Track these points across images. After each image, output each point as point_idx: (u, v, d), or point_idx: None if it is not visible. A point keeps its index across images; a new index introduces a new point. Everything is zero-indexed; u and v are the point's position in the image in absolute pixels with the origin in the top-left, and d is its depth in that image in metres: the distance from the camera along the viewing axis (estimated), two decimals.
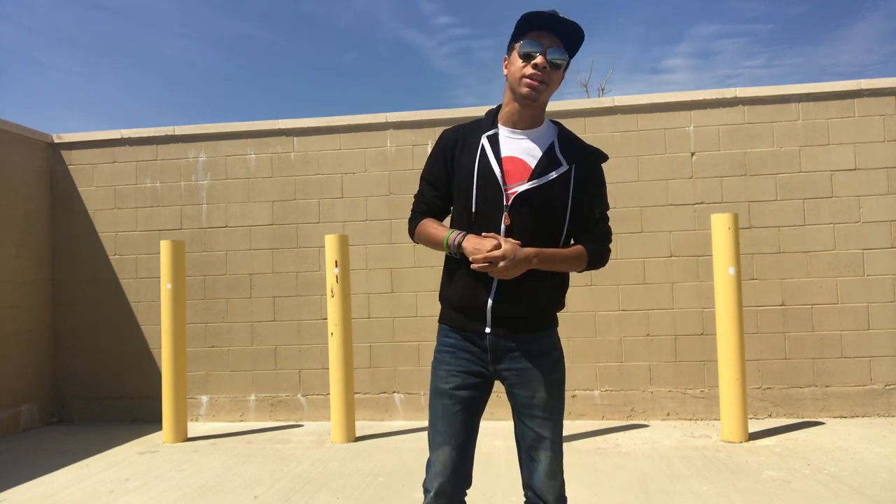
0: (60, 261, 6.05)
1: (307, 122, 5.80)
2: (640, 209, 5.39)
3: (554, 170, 1.95)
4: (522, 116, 1.98)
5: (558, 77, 1.96)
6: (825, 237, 5.22)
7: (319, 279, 5.70)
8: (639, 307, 5.36)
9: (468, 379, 1.99)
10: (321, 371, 5.64)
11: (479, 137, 2.00)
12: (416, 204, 2.14)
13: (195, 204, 5.90)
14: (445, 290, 2.08)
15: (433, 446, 2.01)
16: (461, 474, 1.99)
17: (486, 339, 1.97)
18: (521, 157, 1.96)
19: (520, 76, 1.92)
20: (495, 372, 2.01)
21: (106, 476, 4.25)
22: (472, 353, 2.00)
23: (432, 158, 2.09)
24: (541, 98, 1.94)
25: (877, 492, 3.48)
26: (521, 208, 1.92)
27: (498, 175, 1.93)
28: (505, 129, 2.01)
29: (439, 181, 2.06)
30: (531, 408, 1.98)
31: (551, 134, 2.02)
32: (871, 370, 5.14)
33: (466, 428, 1.99)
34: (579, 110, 5.52)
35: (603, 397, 5.37)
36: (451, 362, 2.01)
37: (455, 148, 2.03)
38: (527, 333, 1.97)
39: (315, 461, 4.42)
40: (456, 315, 2.02)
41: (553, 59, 1.91)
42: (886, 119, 5.24)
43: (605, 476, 3.89)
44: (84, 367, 5.96)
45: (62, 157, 6.09)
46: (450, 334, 2.04)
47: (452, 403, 1.98)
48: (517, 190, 1.92)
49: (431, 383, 2.06)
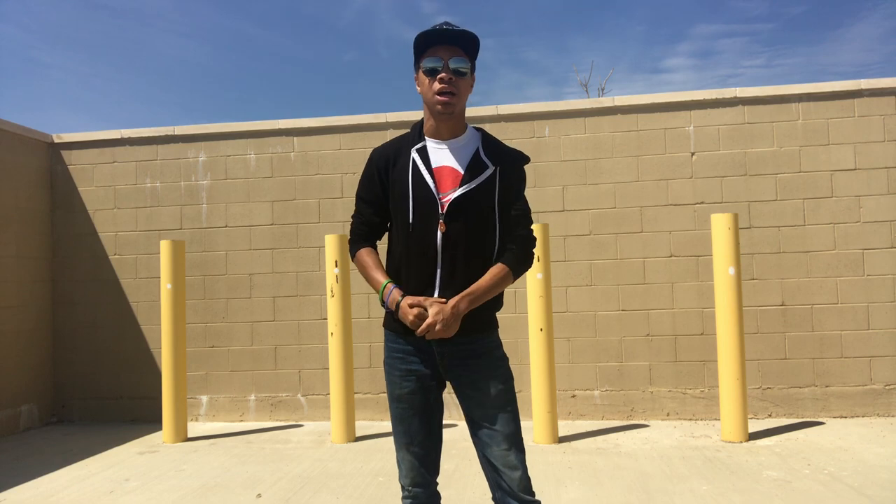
0: (60, 261, 6.06)
1: (307, 122, 5.80)
2: (640, 209, 5.39)
3: (482, 173, 2.03)
4: (444, 128, 2.07)
5: (466, 83, 2.05)
6: (825, 237, 5.22)
7: (319, 279, 5.70)
8: (639, 307, 5.36)
9: (420, 382, 2.07)
10: (321, 371, 5.64)
11: (409, 151, 2.07)
12: (355, 225, 2.19)
13: (195, 204, 5.90)
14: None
15: (397, 446, 2.12)
16: (428, 467, 2.10)
17: (432, 343, 2.04)
18: (450, 165, 2.05)
19: (431, 94, 2.01)
20: (444, 373, 2.08)
21: (106, 476, 4.25)
22: (418, 357, 2.07)
23: (366, 178, 2.15)
24: (456, 109, 2.03)
25: (877, 492, 3.48)
26: (456, 214, 1.99)
27: (431, 185, 2.01)
28: (431, 140, 2.09)
29: (376, 198, 2.12)
30: (482, 406, 2.03)
31: (476, 140, 2.10)
32: (871, 370, 5.14)
33: (424, 426, 2.08)
34: (579, 110, 5.52)
35: (603, 397, 5.37)
36: (401, 368, 2.08)
37: (387, 165, 2.09)
38: (470, 334, 2.02)
39: (315, 461, 4.42)
40: (399, 321, 2.05)
41: (456, 67, 2.00)
42: (886, 119, 5.23)
43: (605, 476, 3.89)
44: (84, 367, 5.96)
45: (62, 157, 6.09)
46: (396, 340, 2.10)
47: (408, 407, 2.07)
48: (451, 197, 2.00)
49: (387, 388, 2.14)
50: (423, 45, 2.04)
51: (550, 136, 5.51)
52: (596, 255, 5.42)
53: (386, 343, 2.15)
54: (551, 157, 5.50)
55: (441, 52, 2.01)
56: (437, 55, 2.01)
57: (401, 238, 2.05)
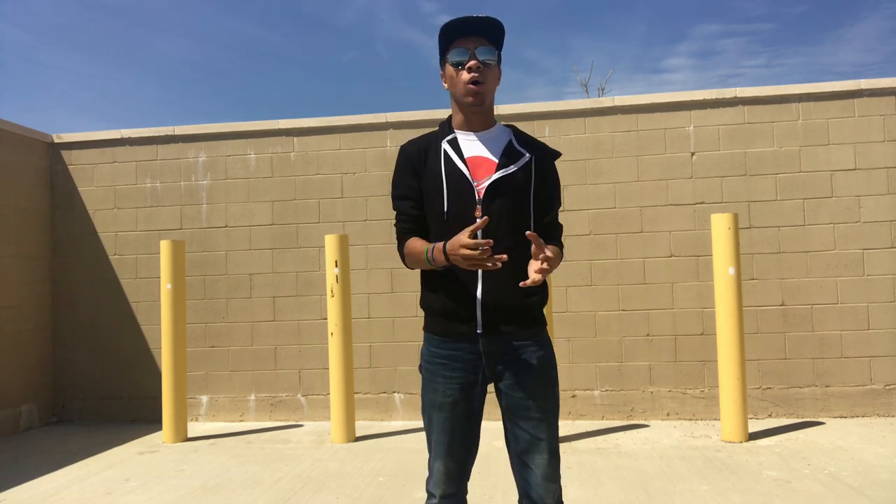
0: (60, 261, 6.05)
1: (307, 122, 5.80)
2: (640, 209, 5.39)
3: (518, 160, 2.01)
4: (474, 121, 2.04)
5: (494, 74, 2.01)
6: (825, 237, 5.22)
7: (319, 279, 5.70)
8: (639, 307, 5.36)
9: (464, 391, 1.97)
10: (321, 371, 5.64)
11: (440, 144, 2.04)
12: (399, 226, 2.10)
13: (195, 204, 5.90)
14: (427, 297, 2.05)
15: (434, 455, 2.00)
16: (462, 478, 2.02)
17: (479, 342, 1.95)
18: (484, 155, 2.02)
19: (460, 87, 1.98)
20: (490, 376, 1.99)
21: (106, 476, 4.25)
22: (465, 362, 1.97)
23: (400, 173, 2.08)
24: (486, 100, 2.00)
25: (876, 492, 3.48)
26: (492, 200, 1.95)
27: (465, 172, 1.98)
28: (462, 132, 2.06)
29: (413, 190, 2.05)
30: (526, 409, 1.95)
31: (507, 133, 2.08)
32: (871, 370, 5.14)
33: (465, 436, 1.98)
34: (579, 110, 5.52)
35: (603, 397, 5.37)
36: (446, 374, 1.98)
37: (420, 157, 2.05)
38: (518, 332, 1.96)
39: (315, 461, 4.42)
40: (443, 321, 1.99)
41: (483, 59, 1.97)
42: (886, 119, 5.23)
43: (605, 476, 3.89)
44: (84, 367, 5.96)
45: (62, 157, 6.09)
46: (440, 345, 2.00)
47: (450, 417, 1.97)
48: (486, 183, 1.96)
49: (425, 395, 2.02)
50: (448, 38, 2.00)
51: (550, 136, 5.51)
52: (596, 255, 5.42)
53: (426, 347, 2.05)
54: None
55: (467, 44, 1.97)
56: (464, 46, 1.97)
57: (437, 231, 1.99)
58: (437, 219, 2.00)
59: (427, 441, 2.04)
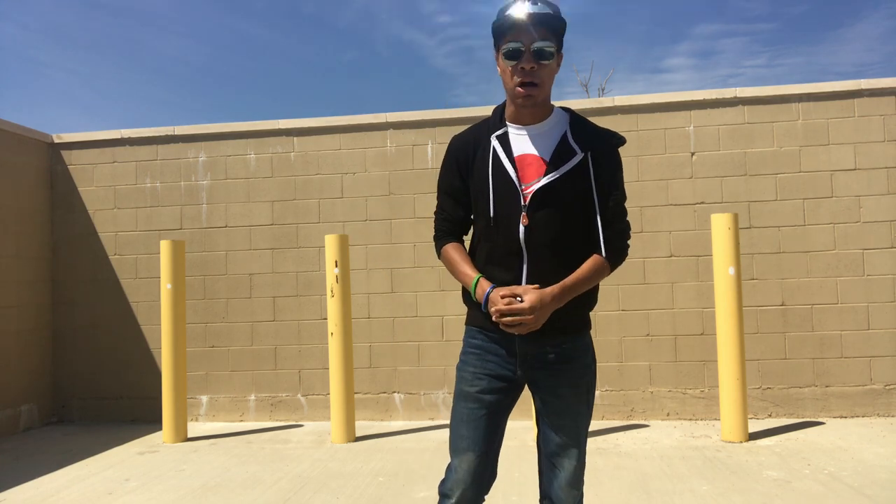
0: (60, 261, 6.05)
1: (307, 122, 5.80)
2: (640, 209, 5.39)
3: (569, 160, 1.86)
4: (528, 115, 1.92)
5: (551, 68, 1.87)
6: (825, 237, 5.22)
7: (319, 279, 5.70)
8: (639, 307, 5.36)
9: (494, 383, 1.90)
10: (321, 371, 5.64)
11: (489, 138, 1.92)
12: (438, 221, 2.04)
13: (195, 204, 5.90)
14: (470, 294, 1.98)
15: (456, 451, 1.92)
16: (482, 482, 1.93)
17: (515, 342, 1.88)
18: (534, 153, 1.88)
19: (511, 84, 1.86)
20: (523, 375, 1.92)
21: (106, 476, 4.25)
22: (499, 357, 1.91)
23: (445, 168, 2.01)
24: (538, 99, 1.87)
25: (876, 492, 3.48)
26: (540, 206, 1.84)
27: (513, 175, 1.86)
28: (513, 126, 1.93)
29: (456, 190, 1.98)
30: (559, 415, 1.90)
31: (563, 123, 1.93)
32: (871, 370, 5.14)
33: (491, 433, 1.91)
34: (579, 110, 5.50)
35: (603, 397, 5.37)
36: (476, 364, 1.92)
37: (466, 153, 1.95)
38: (558, 336, 1.88)
39: (315, 461, 4.42)
40: (483, 316, 1.91)
41: (540, 48, 1.81)
42: (886, 119, 5.23)
43: (605, 476, 3.89)
44: (84, 366, 5.96)
45: (62, 157, 6.09)
46: (476, 335, 1.95)
47: (478, 407, 1.90)
48: (534, 188, 1.84)
49: (456, 385, 1.97)
50: (504, 27, 1.85)
51: None
52: None
53: (466, 339, 1.99)
54: None
55: (523, 36, 1.82)
56: (519, 38, 1.82)
57: (483, 233, 1.91)
58: (483, 221, 1.91)
59: (450, 439, 1.96)
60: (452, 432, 1.95)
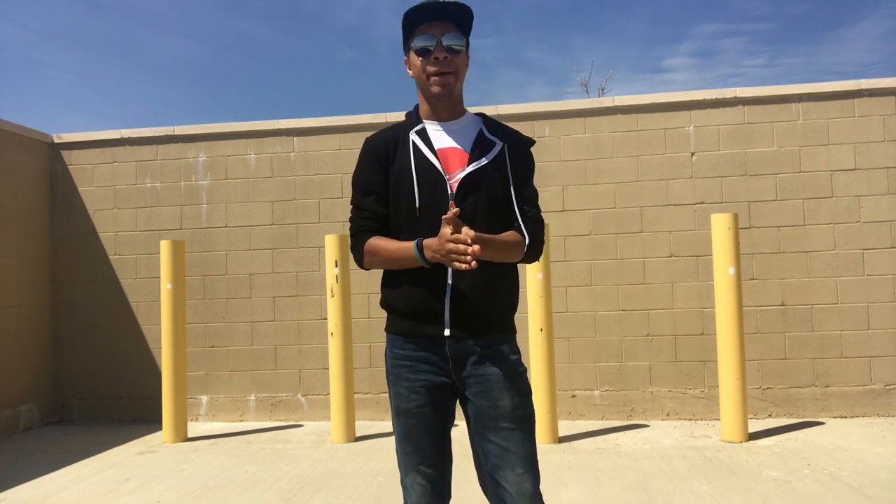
0: (60, 261, 6.05)
1: (307, 122, 5.80)
2: (640, 209, 5.39)
3: (490, 150, 1.90)
4: (444, 109, 1.93)
5: (463, 61, 1.90)
6: (825, 237, 5.22)
7: (319, 279, 5.70)
8: (639, 307, 5.36)
9: (432, 393, 1.85)
10: (321, 371, 5.64)
11: (408, 135, 1.92)
12: (357, 222, 1.93)
13: (195, 204, 5.90)
14: (389, 296, 1.91)
15: (406, 469, 1.86)
16: (441, 492, 1.88)
17: (446, 344, 1.83)
18: (454, 145, 1.90)
19: (426, 76, 1.86)
20: (458, 380, 1.86)
21: (105, 476, 4.25)
22: (432, 364, 1.85)
23: (364, 167, 1.94)
24: (455, 89, 1.89)
25: (876, 492, 3.48)
26: (467, 194, 1.85)
27: (437, 165, 1.86)
28: (430, 123, 1.94)
29: (378, 186, 1.91)
30: (495, 418, 1.81)
31: (477, 123, 1.97)
32: (871, 370, 5.14)
33: (437, 444, 1.86)
34: (579, 110, 5.52)
35: (603, 397, 5.37)
36: (409, 377, 1.85)
37: (387, 150, 1.92)
38: (488, 335, 1.85)
39: (315, 461, 4.42)
40: (407, 322, 1.86)
41: (450, 44, 1.84)
42: (886, 119, 5.23)
43: (605, 476, 3.89)
44: (84, 366, 5.96)
45: (62, 157, 6.09)
46: (404, 345, 1.87)
47: (417, 423, 1.84)
48: (460, 176, 1.85)
49: (392, 402, 1.90)
50: (412, 23, 1.86)
51: (550, 136, 5.51)
52: (596, 255, 5.42)
53: (389, 349, 1.92)
54: (551, 157, 5.50)
55: (433, 30, 1.84)
56: (429, 32, 1.84)
57: (406, 226, 1.86)
58: (406, 214, 1.86)
59: (398, 457, 1.89)
60: (399, 450, 1.89)
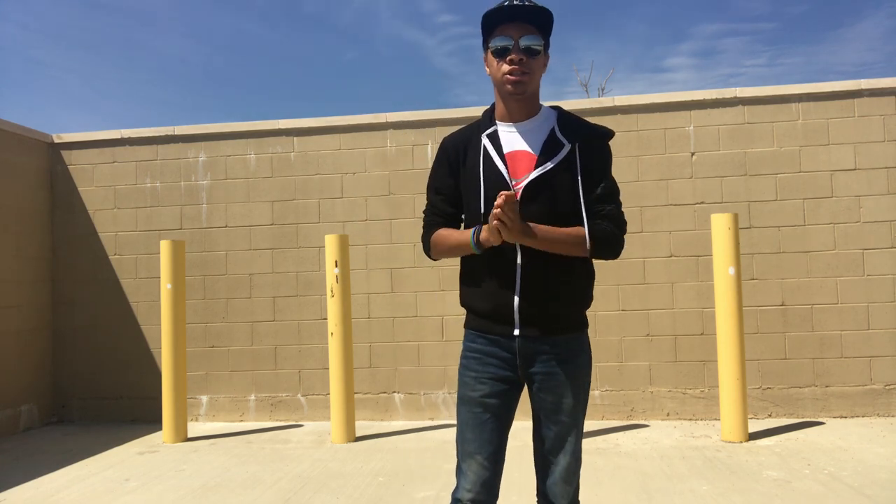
0: (60, 261, 6.05)
1: (307, 122, 5.80)
2: (640, 209, 5.39)
3: (558, 152, 1.89)
4: (517, 110, 1.95)
5: (539, 63, 1.91)
6: (825, 237, 5.22)
7: (319, 279, 5.70)
8: (639, 307, 5.36)
9: (497, 386, 1.93)
10: (321, 371, 5.64)
11: (480, 137, 1.96)
12: (428, 217, 2.06)
13: (195, 204, 5.90)
14: (467, 296, 2.00)
15: (463, 455, 1.95)
16: (492, 487, 1.95)
17: (516, 343, 1.91)
18: (523, 149, 1.92)
19: (500, 75, 1.89)
20: (524, 376, 1.95)
21: (106, 476, 4.25)
22: (500, 359, 1.93)
23: (437, 167, 2.04)
24: (528, 89, 1.90)
25: (876, 492, 3.48)
26: (532, 200, 1.86)
27: (503, 171, 1.89)
28: (503, 124, 1.97)
29: (448, 188, 2.01)
30: (556, 412, 1.93)
31: (551, 119, 1.97)
32: (871, 370, 5.14)
33: (496, 436, 1.93)
34: (579, 110, 5.51)
35: (603, 397, 5.37)
36: (477, 369, 1.94)
37: (458, 153, 1.99)
38: (557, 335, 1.91)
39: (315, 461, 4.42)
40: (482, 321, 1.95)
41: (528, 45, 1.87)
42: (886, 119, 5.23)
43: (605, 476, 3.89)
44: (84, 366, 5.96)
45: (62, 157, 6.09)
46: (475, 339, 1.97)
47: (482, 412, 1.92)
48: (524, 182, 1.88)
49: (458, 390, 1.99)
50: (491, 24, 1.90)
51: None
52: None
53: (465, 343, 2.01)
54: None
55: (511, 31, 1.86)
56: (507, 34, 1.87)
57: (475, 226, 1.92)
58: (475, 218, 1.93)
59: (457, 443, 1.98)
60: (459, 436, 1.97)
